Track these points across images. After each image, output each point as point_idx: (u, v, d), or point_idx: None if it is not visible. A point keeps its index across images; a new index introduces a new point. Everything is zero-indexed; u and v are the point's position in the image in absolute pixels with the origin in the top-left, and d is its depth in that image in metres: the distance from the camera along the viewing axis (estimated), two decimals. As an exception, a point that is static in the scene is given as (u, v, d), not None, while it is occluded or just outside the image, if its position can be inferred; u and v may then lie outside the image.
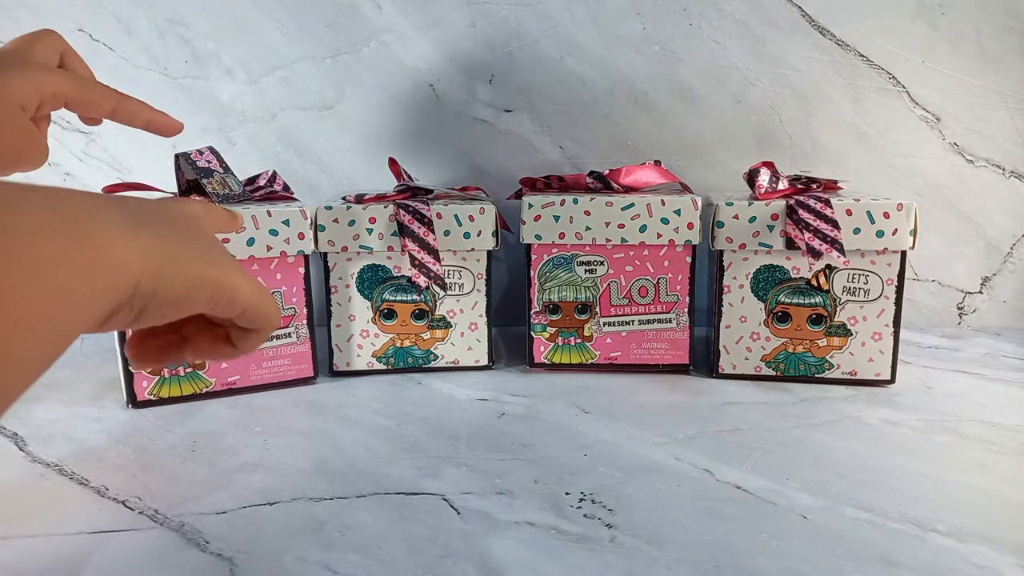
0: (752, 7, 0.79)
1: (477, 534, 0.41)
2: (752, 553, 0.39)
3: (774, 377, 0.65)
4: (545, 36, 0.81)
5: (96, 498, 0.45)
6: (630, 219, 0.64)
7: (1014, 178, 0.80)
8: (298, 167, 0.84)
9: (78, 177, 0.84)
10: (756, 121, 0.81)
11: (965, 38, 0.78)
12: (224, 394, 0.63)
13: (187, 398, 0.62)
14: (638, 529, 0.41)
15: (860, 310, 0.63)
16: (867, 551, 0.39)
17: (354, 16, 0.81)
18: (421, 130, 0.83)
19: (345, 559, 0.38)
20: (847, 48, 0.79)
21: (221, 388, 0.63)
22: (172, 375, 0.61)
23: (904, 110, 0.80)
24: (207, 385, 0.62)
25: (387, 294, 0.67)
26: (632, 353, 0.67)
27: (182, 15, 0.81)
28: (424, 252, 0.63)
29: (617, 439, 0.53)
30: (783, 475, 0.47)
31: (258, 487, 0.46)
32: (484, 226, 0.65)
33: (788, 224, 0.62)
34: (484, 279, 0.67)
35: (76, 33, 0.81)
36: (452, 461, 0.50)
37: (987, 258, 0.82)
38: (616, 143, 0.83)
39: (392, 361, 0.68)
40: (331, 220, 0.65)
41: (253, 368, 0.63)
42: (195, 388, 0.62)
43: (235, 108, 0.83)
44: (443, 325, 0.68)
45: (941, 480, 0.47)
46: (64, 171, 0.83)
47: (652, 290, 0.66)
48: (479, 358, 0.68)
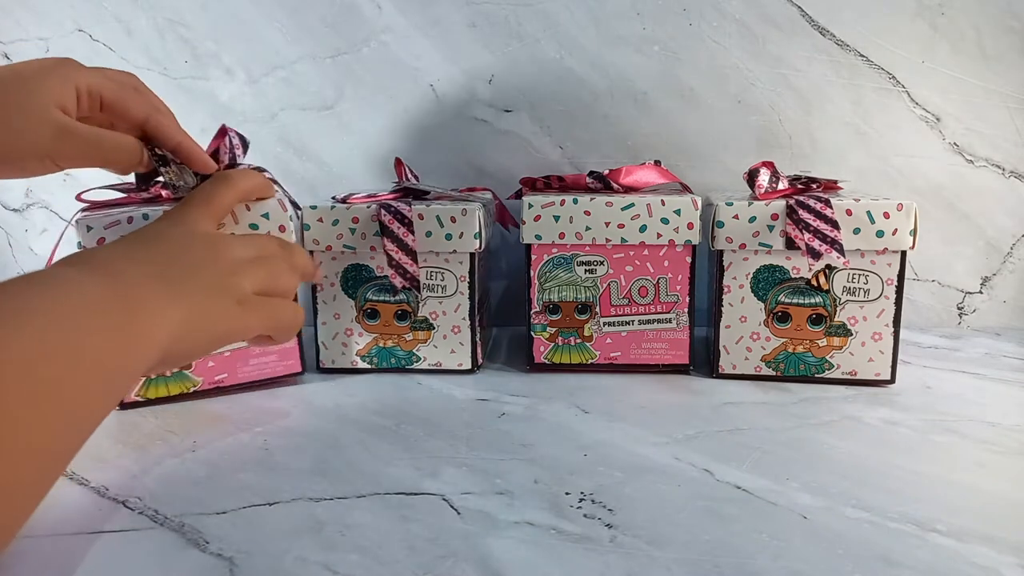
0: (752, 7, 0.79)
1: (477, 534, 0.41)
2: (752, 553, 0.39)
3: (774, 377, 0.65)
4: (545, 36, 0.81)
5: (96, 498, 0.45)
6: (630, 219, 0.64)
7: (1014, 178, 0.80)
8: (298, 167, 0.84)
9: (75, 174, 0.84)
10: (756, 121, 0.81)
11: (965, 38, 0.78)
12: (212, 393, 0.63)
13: (175, 398, 0.61)
14: (638, 529, 0.41)
15: (860, 310, 0.63)
16: (867, 551, 0.39)
17: (354, 16, 0.81)
18: (421, 130, 0.83)
19: (345, 559, 0.38)
20: (847, 48, 0.79)
21: (208, 387, 0.62)
22: (158, 375, 0.61)
23: (904, 110, 0.80)
24: (195, 384, 0.62)
25: (370, 294, 0.67)
26: (632, 353, 0.67)
27: (182, 15, 0.81)
28: (402, 253, 0.63)
29: (617, 439, 0.53)
30: (783, 475, 0.47)
31: (258, 487, 0.46)
32: (466, 228, 0.64)
33: (788, 224, 0.62)
34: (467, 281, 0.66)
35: (76, 33, 0.81)
36: (452, 461, 0.50)
37: (987, 258, 0.82)
38: (616, 143, 0.83)
39: (375, 361, 0.68)
40: (316, 219, 0.65)
41: (240, 365, 0.63)
42: (183, 388, 0.61)
43: (235, 108, 0.83)
44: (425, 327, 0.67)
45: (941, 480, 0.47)
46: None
47: (652, 290, 0.66)
48: (462, 361, 0.68)
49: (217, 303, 0.41)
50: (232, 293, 0.42)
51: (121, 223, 0.57)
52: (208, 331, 0.40)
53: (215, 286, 0.41)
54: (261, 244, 0.48)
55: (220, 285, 0.42)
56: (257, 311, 0.44)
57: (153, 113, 0.52)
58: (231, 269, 0.43)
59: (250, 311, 0.43)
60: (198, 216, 0.47)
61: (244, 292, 0.43)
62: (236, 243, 0.46)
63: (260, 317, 0.44)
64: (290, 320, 0.47)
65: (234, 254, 0.44)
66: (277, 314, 0.46)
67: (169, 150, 0.53)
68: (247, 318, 0.43)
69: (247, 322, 0.43)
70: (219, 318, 0.41)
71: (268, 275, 0.46)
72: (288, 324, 0.47)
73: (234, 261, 0.44)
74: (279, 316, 0.46)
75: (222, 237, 0.45)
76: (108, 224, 0.57)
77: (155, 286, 0.37)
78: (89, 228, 0.57)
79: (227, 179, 0.51)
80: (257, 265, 0.45)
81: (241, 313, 0.43)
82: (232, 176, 0.52)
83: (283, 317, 0.47)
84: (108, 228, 0.57)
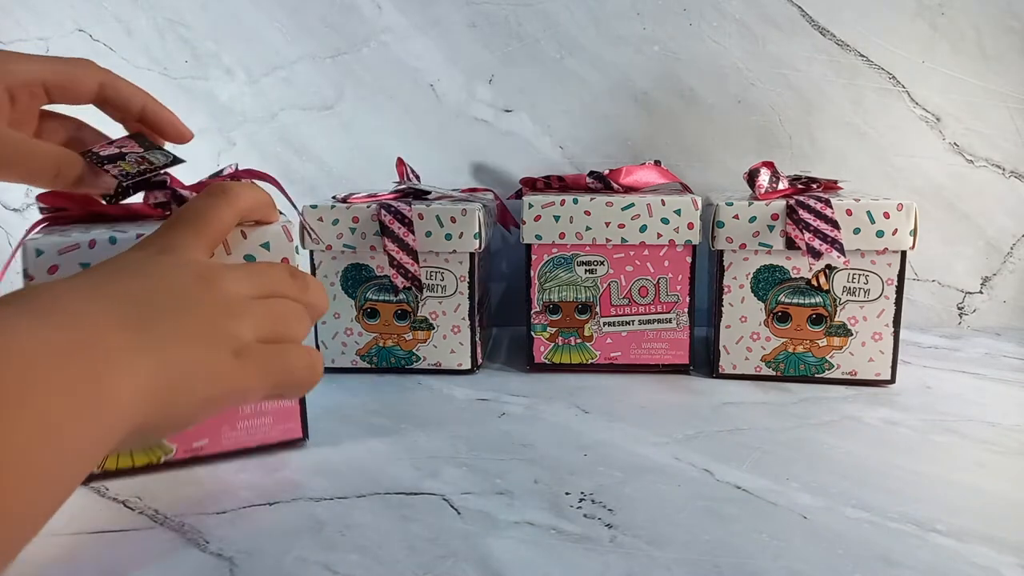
0: (752, 7, 0.79)
1: (477, 534, 0.41)
2: (752, 553, 0.39)
3: (774, 377, 0.65)
4: (545, 36, 0.81)
5: (96, 498, 0.45)
6: (630, 219, 0.64)
7: (1014, 178, 0.80)
8: (298, 167, 0.84)
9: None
10: (756, 121, 0.81)
11: (965, 38, 0.78)
12: (189, 463, 0.50)
13: (140, 471, 0.48)
14: (638, 529, 0.41)
15: (860, 310, 0.63)
16: (867, 551, 0.39)
17: (354, 16, 0.81)
18: (421, 130, 0.83)
19: (345, 559, 0.38)
20: (847, 48, 0.79)
21: (184, 456, 0.49)
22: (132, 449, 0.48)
23: (904, 110, 0.80)
24: (167, 453, 0.48)
25: (370, 293, 0.67)
26: (632, 353, 0.67)
27: (182, 15, 0.81)
28: (403, 253, 0.63)
29: (617, 439, 0.53)
30: (783, 475, 0.47)
31: (258, 487, 0.46)
32: (466, 228, 0.64)
33: (788, 224, 0.62)
34: (467, 281, 0.66)
35: (76, 33, 0.81)
36: (452, 461, 0.50)
37: (987, 258, 0.82)
38: (616, 143, 0.83)
39: (375, 360, 0.68)
40: (316, 219, 0.65)
41: (226, 429, 0.51)
42: (150, 458, 0.48)
43: (235, 108, 0.83)
44: (425, 327, 0.67)
45: (941, 480, 0.47)
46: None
47: (652, 290, 0.66)
48: (462, 361, 0.68)
49: (208, 355, 0.31)
50: (227, 342, 0.33)
51: (81, 247, 0.44)
52: (196, 393, 0.31)
53: (204, 334, 0.32)
54: (266, 276, 0.37)
55: (211, 332, 0.32)
56: (261, 364, 0.34)
57: (107, 78, 0.44)
58: (226, 310, 0.33)
59: (251, 365, 0.33)
60: (185, 240, 0.36)
61: (243, 340, 0.33)
62: (233, 276, 0.35)
63: (265, 372, 0.34)
64: (304, 373, 0.37)
65: (230, 290, 0.34)
66: (287, 366, 0.35)
67: (135, 117, 0.45)
68: (247, 374, 0.33)
69: (247, 380, 0.33)
70: (210, 375, 0.31)
71: (275, 317, 0.36)
72: (301, 379, 0.37)
73: (230, 299, 0.34)
74: (290, 369, 0.36)
75: (215, 268, 0.35)
76: (63, 248, 0.43)
77: (125, 335, 0.28)
78: (39, 253, 0.43)
79: (224, 193, 0.40)
80: (260, 305, 0.35)
81: (239, 368, 0.33)
82: (230, 189, 0.40)
83: (295, 370, 0.36)
84: (63, 253, 0.43)
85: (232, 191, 0.40)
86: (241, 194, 0.41)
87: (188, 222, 0.37)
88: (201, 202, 0.39)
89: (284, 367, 0.35)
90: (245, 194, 0.41)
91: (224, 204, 0.39)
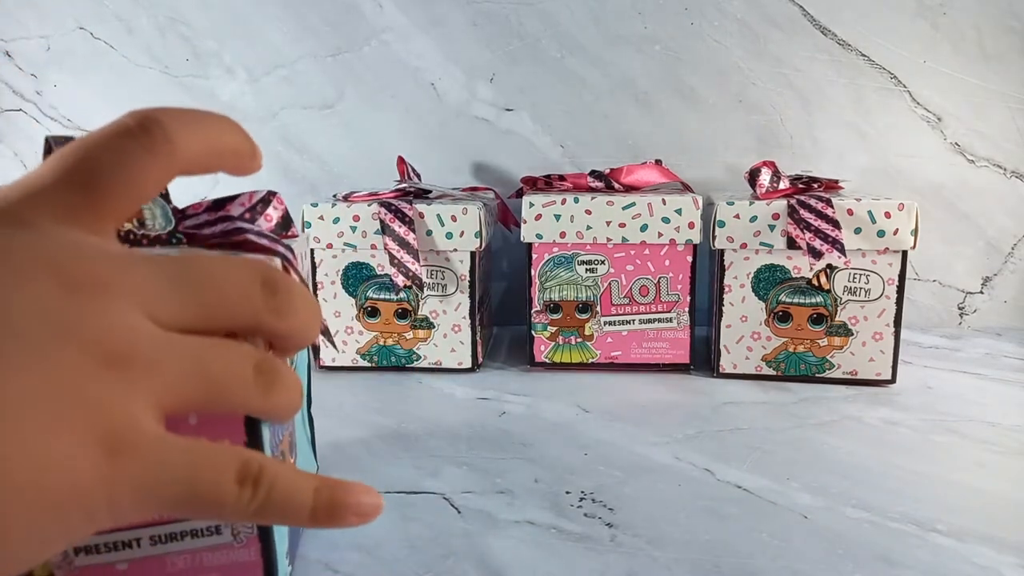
0: (753, 7, 0.78)
1: (477, 533, 0.41)
2: (752, 553, 0.39)
3: (775, 377, 0.65)
4: (546, 35, 0.81)
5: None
6: (631, 218, 0.64)
7: (1015, 178, 0.80)
8: (299, 166, 0.84)
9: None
10: (757, 121, 0.81)
11: (966, 38, 0.78)
12: None
13: None
14: (638, 529, 0.41)
15: (861, 310, 0.63)
16: (867, 551, 0.39)
17: (355, 15, 0.81)
18: (422, 129, 0.83)
19: (345, 558, 0.38)
20: (848, 48, 0.79)
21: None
22: None
23: (905, 110, 0.80)
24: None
25: (371, 292, 0.67)
26: (633, 352, 0.67)
27: (183, 14, 0.81)
28: (403, 251, 0.63)
29: (617, 439, 0.53)
30: (783, 475, 0.47)
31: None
32: (467, 227, 0.65)
33: (789, 224, 0.62)
34: (468, 280, 0.66)
35: (77, 32, 0.81)
36: (452, 460, 0.50)
37: (988, 258, 0.82)
38: (617, 142, 0.83)
39: (376, 359, 0.68)
40: (317, 217, 0.65)
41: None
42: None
43: (236, 107, 0.83)
44: (426, 325, 0.67)
45: (941, 480, 0.47)
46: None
47: (653, 289, 0.66)
48: (462, 360, 0.68)
49: (53, 447, 0.17)
50: (96, 422, 0.18)
51: None
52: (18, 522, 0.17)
53: (51, 399, 0.17)
54: (210, 284, 0.21)
55: (65, 399, 0.17)
56: (157, 472, 0.19)
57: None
58: (106, 354, 0.18)
59: (137, 472, 0.19)
60: (62, 207, 0.20)
61: (129, 419, 0.18)
62: (142, 281, 0.20)
63: (165, 486, 0.19)
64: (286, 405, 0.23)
65: (123, 312, 0.19)
66: (204, 480, 0.19)
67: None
68: (120, 492, 0.18)
69: (121, 501, 0.18)
70: (52, 488, 0.17)
71: (203, 372, 0.20)
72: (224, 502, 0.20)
73: (117, 331, 0.19)
74: (208, 487, 0.19)
75: (104, 264, 0.20)
76: None
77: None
78: None
79: (150, 129, 0.22)
80: (181, 344, 0.20)
81: (107, 479, 0.18)
82: (162, 120, 0.22)
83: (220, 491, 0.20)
84: None
85: (164, 123, 0.22)
86: (181, 131, 0.22)
87: (74, 172, 0.21)
88: (108, 140, 0.21)
89: (196, 479, 0.19)
90: (189, 131, 0.23)
91: (148, 149, 0.21)
